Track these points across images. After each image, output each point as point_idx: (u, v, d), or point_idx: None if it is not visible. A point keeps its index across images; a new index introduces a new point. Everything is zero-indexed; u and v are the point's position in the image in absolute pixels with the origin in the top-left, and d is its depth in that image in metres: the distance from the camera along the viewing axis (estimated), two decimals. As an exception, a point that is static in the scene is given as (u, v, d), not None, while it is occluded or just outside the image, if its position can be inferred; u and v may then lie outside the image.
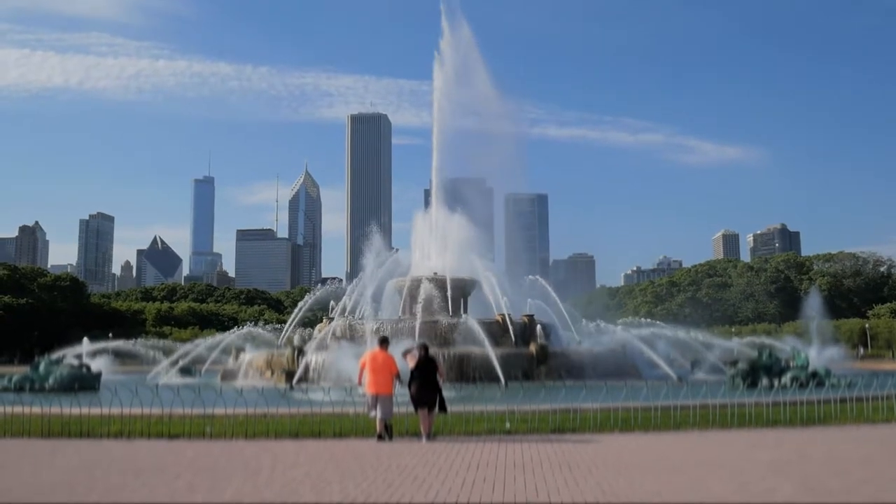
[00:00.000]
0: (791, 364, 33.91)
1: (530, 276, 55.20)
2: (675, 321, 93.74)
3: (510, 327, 42.14)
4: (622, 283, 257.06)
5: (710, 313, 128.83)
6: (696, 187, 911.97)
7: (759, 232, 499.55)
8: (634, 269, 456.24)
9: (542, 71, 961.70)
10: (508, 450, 14.16)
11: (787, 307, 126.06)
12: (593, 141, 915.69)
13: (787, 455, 13.61)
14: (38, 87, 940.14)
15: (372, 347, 16.78)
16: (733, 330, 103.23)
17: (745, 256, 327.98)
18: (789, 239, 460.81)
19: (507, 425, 16.84)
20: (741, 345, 47.06)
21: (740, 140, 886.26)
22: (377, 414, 15.69)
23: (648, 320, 60.56)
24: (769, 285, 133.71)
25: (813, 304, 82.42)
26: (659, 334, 47.48)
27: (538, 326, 43.55)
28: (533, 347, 39.78)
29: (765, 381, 31.90)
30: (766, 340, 47.88)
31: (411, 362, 16.15)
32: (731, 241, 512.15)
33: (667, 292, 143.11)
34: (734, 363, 35.45)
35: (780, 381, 31.89)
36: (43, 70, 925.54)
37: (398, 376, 16.18)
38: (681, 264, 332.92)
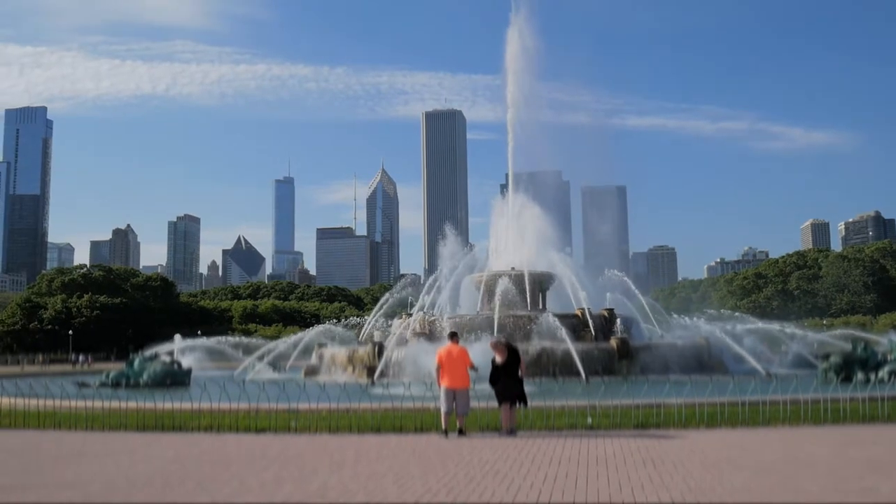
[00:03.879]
0: (889, 357, 32.32)
1: (609, 270, 54.34)
2: (762, 314, 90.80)
3: (590, 321, 41.57)
4: (705, 276, 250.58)
5: (799, 306, 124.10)
6: (783, 175, 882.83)
7: (851, 220, 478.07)
8: (718, 260, 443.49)
9: (619, 60, 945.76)
10: (590, 445, 14.00)
11: (883, 299, 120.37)
12: (673, 130, 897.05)
13: (886, 453, 13.02)
14: (128, 95, 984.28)
15: (444, 344, 16.82)
16: (825, 323, 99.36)
17: (836, 246, 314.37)
18: (884, 226, 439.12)
19: (589, 420, 16.62)
20: (832, 337, 45.23)
21: (831, 124, 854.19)
22: (457, 410, 15.69)
23: (738, 314, 58.86)
24: (864, 276, 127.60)
25: None
26: (746, 327, 46.07)
27: (618, 320, 42.84)
28: (614, 342, 39.17)
29: (860, 376, 30.43)
30: (860, 333, 45.78)
31: (499, 356, 16.06)
32: (820, 231, 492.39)
33: (753, 284, 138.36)
34: (827, 357, 34.04)
35: (876, 375, 30.40)
36: (132, 79, 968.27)
37: (473, 367, 16.16)
38: (767, 255, 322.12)
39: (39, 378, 38.31)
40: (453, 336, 16.93)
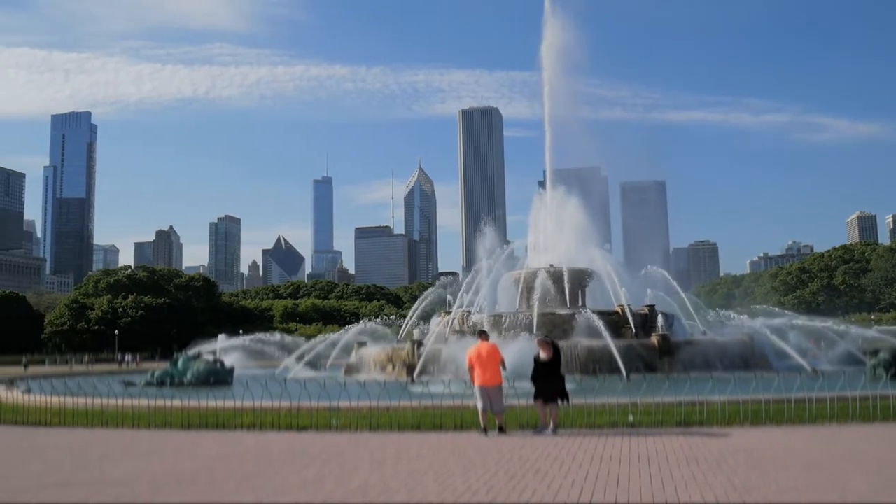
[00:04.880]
0: (940, 353, 31.39)
1: (650, 266, 53.72)
2: (807, 310, 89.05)
3: (630, 318, 41.17)
4: (748, 271, 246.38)
5: (846, 301, 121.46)
6: (828, 167, 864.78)
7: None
8: (761, 255, 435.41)
9: (656, 54, 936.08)
10: (632, 443, 13.87)
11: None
12: (714, 124, 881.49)
13: (939, 451, 12.65)
14: (170, 99, 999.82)
15: (474, 343, 16.77)
16: (873, 318, 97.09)
17: (884, 239, 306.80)
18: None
19: (631, 418, 16.47)
20: (881, 333, 44.14)
21: (877, 115, 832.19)
22: (492, 407, 15.62)
23: (777, 309, 57.82)
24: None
25: None
26: (790, 323, 45.24)
27: (659, 317, 42.33)
28: (655, 339, 38.73)
29: (910, 372, 29.70)
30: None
31: (544, 353, 15.97)
32: (867, 223, 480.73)
33: (797, 280, 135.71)
34: (875, 352, 33.23)
35: (928, 371, 29.60)
36: (173, 82, 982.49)
37: (503, 362, 16.06)
38: (812, 249, 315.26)
39: (87, 377, 39.17)
40: (482, 334, 16.92)
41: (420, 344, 40.84)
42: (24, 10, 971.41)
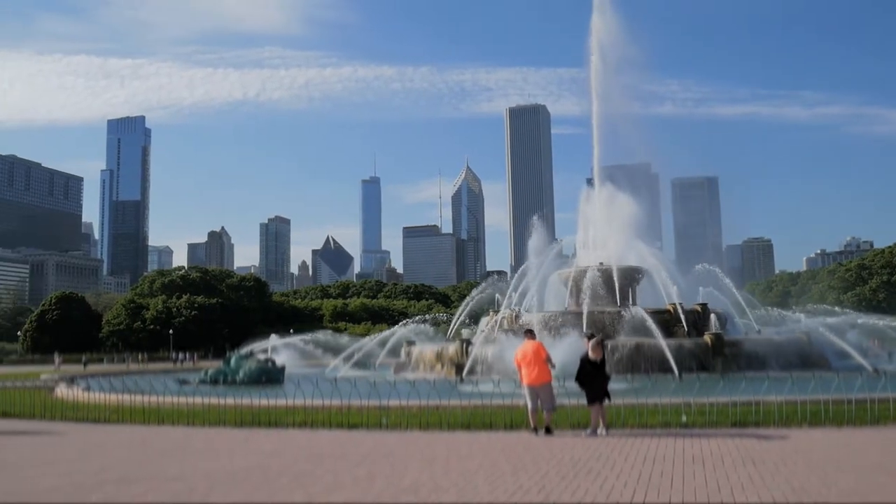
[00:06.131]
0: None
1: (702, 264, 52.78)
2: (867, 308, 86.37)
3: (682, 317, 40.52)
4: (804, 268, 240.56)
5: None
6: (887, 160, 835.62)
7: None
8: (818, 252, 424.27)
9: (707, 47, 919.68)
10: (685, 444, 13.61)
11: None
12: (767, 117, 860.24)
13: None
14: (221, 102, 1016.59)
15: (522, 343, 16.61)
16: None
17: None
18: None
19: (684, 418, 16.18)
20: None
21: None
22: (542, 406, 15.45)
23: (837, 308, 56.28)
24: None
25: None
26: (850, 322, 44.00)
27: (712, 315, 41.60)
28: (708, 337, 38.05)
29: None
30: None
31: (594, 354, 15.70)
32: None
33: (856, 276, 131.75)
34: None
35: None
36: (224, 86, 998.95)
37: (549, 360, 15.85)
38: (871, 245, 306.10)
39: (143, 375, 40.14)
40: (529, 333, 16.76)
41: (469, 343, 40.84)
42: (83, 18, 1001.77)
